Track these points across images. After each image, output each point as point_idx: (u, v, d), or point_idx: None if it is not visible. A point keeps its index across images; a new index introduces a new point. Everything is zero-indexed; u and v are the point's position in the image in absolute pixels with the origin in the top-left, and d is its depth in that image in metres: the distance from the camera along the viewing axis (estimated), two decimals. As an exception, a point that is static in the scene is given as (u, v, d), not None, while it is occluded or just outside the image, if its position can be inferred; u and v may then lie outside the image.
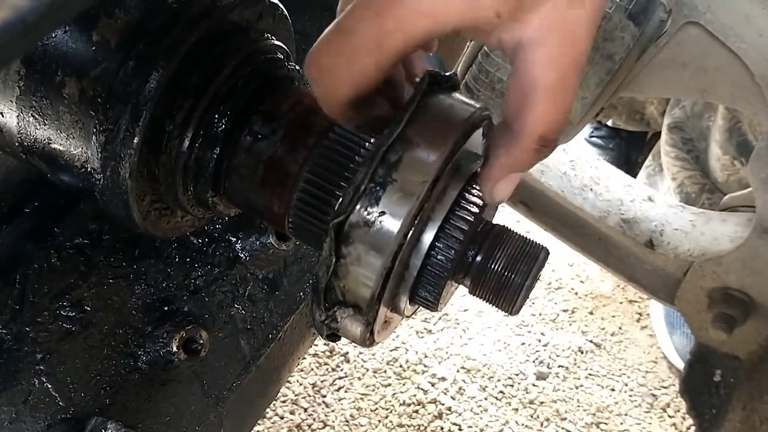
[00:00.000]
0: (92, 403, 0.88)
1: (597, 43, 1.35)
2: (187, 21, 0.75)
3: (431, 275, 0.74)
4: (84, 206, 0.90)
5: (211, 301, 0.99)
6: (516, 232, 0.80)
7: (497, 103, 1.53)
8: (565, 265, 2.60)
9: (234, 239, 1.02)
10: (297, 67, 0.85)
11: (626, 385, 2.34)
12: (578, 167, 1.76)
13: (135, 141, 0.74)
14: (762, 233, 1.56)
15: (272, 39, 0.83)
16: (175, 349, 0.92)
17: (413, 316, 0.84)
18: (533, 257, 0.78)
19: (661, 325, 2.43)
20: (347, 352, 2.39)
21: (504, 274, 0.77)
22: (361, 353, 2.40)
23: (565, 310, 2.52)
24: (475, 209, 0.75)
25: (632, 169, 2.77)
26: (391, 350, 2.41)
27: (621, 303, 2.56)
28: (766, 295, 1.64)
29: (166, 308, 0.95)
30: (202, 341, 0.94)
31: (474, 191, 0.76)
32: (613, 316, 2.51)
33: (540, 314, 2.52)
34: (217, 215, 0.90)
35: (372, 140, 0.76)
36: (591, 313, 2.52)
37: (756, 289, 1.65)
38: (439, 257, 0.73)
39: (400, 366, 2.38)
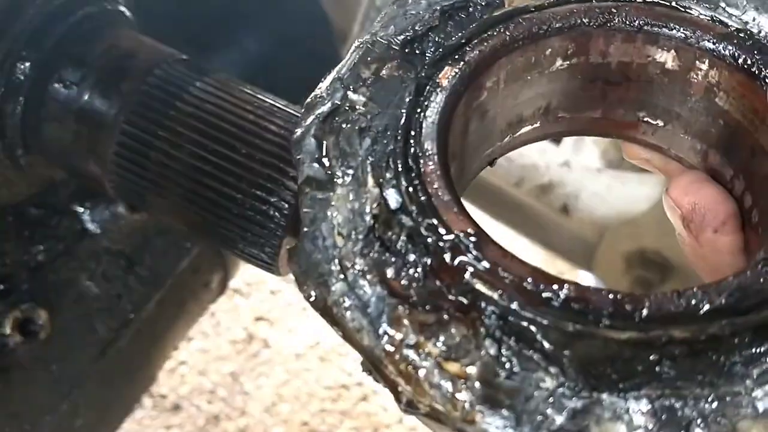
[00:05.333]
0: None
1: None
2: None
3: (262, 231, 0.67)
4: None
5: (56, 278, 0.90)
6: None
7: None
8: (490, 239, 2.56)
9: (81, 209, 0.92)
10: (122, 9, 0.76)
11: (552, 357, 2.31)
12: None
13: None
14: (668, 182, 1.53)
15: (91, -23, 0.74)
16: (9, 331, 0.82)
17: None
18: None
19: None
20: (267, 338, 2.31)
21: None
22: (282, 338, 2.32)
23: (490, 285, 2.48)
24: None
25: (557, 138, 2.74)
26: (313, 333, 2.33)
27: (547, 275, 2.54)
28: (681, 255, 1.62)
29: (1, 287, 0.86)
30: (40, 322, 0.85)
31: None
32: (539, 289, 2.48)
33: (466, 290, 2.47)
34: (43, 180, 0.81)
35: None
36: (517, 287, 2.48)
37: (672, 250, 1.62)
38: (271, 211, 0.66)
39: (323, 349, 2.31)
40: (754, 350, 0.35)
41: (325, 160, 0.42)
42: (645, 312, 0.36)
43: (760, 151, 0.45)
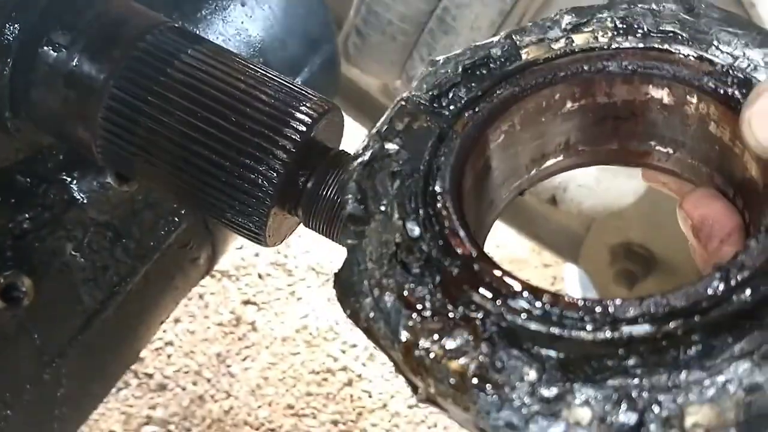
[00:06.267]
0: None
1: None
2: None
3: (250, 200, 0.66)
4: None
5: (41, 246, 0.89)
6: (355, 157, 0.73)
7: (389, 48, 1.46)
8: (480, 229, 2.56)
9: (69, 179, 0.91)
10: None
11: (538, 348, 2.31)
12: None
13: None
14: (681, 196, 1.53)
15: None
16: (-9, 297, 0.82)
17: None
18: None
19: (576, 288, 2.41)
20: (255, 321, 2.30)
21: (338, 201, 0.70)
22: (269, 321, 2.32)
23: (479, 275, 2.48)
24: (302, 127, 0.67)
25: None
26: (301, 318, 2.33)
27: (536, 267, 2.54)
28: (666, 249, 1.63)
29: (-15, 253, 0.85)
30: (24, 289, 0.84)
31: (304, 107, 0.68)
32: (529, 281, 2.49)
33: (455, 279, 2.47)
34: (30, 146, 0.81)
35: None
36: (505, 278, 2.49)
37: (657, 243, 1.63)
38: (260, 180, 0.66)
39: (310, 334, 2.31)
40: (705, 346, 0.41)
41: (363, 201, 0.50)
42: (610, 316, 0.42)
43: (747, 172, 0.50)
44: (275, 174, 0.64)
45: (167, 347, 2.19)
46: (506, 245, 2.59)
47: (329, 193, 0.68)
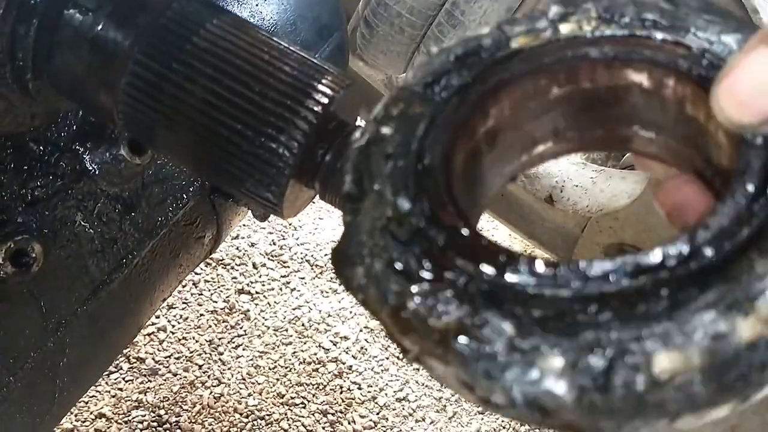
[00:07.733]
0: None
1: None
2: None
3: (270, 170, 0.67)
4: None
5: (51, 214, 0.90)
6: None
7: (396, 40, 1.47)
8: (475, 228, 2.57)
9: (81, 149, 0.92)
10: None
11: (529, 347, 2.33)
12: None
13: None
14: (656, 186, 1.55)
15: None
16: (0, 261, 0.82)
17: None
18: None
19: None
20: (248, 310, 2.31)
21: None
22: (262, 311, 2.32)
23: (472, 273, 2.49)
24: (324, 99, 0.68)
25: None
26: (293, 309, 2.34)
27: (528, 267, 2.56)
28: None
29: (-4, 218, 0.85)
30: (34, 255, 0.84)
31: (325, 80, 0.69)
32: (520, 280, 2.50)
33: (448, 277, 2.48)
34: (49, 110, 0.81)
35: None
36: (498, 277, 2.50)
37: (649, 245, 1.64)
38: (280, 150, 0.67)
39: (303, 325, 2.31)
40: (673, 299, 0.42)
41: (359, 181, 0.53)
42: (581, 274, 0.44)
43: (722, 150, 0.52)
44: (296, 144, 0.65)
45: (160, 333, 2.19)
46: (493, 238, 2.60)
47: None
